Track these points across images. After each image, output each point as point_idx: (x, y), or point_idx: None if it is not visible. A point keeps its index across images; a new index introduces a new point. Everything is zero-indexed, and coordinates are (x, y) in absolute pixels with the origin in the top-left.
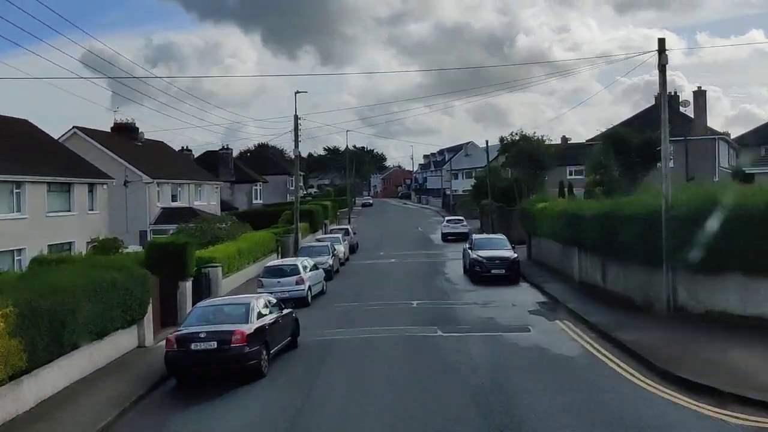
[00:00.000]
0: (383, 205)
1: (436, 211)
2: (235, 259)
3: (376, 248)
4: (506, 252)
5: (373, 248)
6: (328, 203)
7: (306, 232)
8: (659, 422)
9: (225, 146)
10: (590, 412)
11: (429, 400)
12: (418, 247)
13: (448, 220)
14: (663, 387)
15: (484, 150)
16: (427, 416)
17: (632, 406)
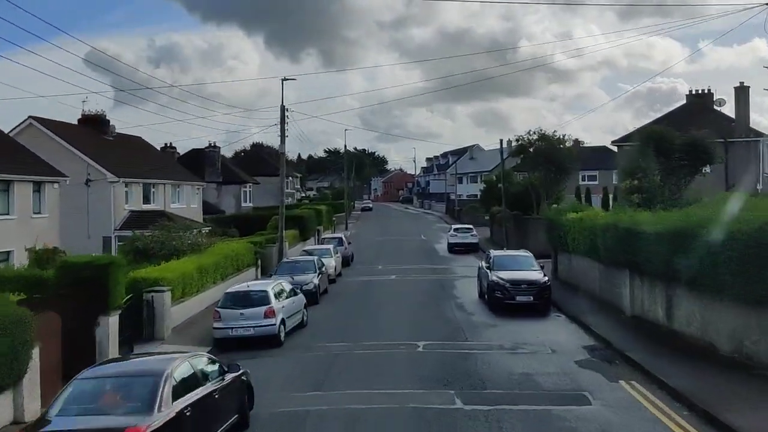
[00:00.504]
0: (384, 209)
1: (439, 216)
2: (193, 279)
3: (373, 260)
4: (534, 273)
5: (371, 260)
6: (323, 207)
7: (294, 240)
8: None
9: (212, 144)
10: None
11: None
12: (422, 260)
13: (455, 229)
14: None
15: (490, 153)
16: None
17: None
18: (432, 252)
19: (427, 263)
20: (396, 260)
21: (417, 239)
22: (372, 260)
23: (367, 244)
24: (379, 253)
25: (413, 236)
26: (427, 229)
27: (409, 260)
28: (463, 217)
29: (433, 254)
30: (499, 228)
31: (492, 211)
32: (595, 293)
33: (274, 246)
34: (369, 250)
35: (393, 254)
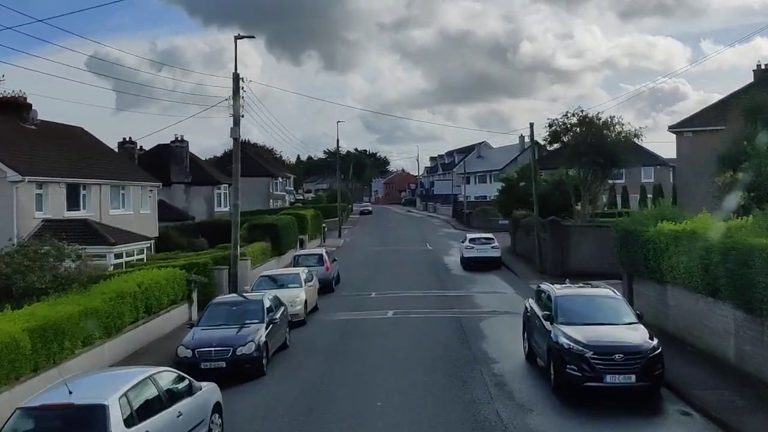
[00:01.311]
0: (384, 212)
1: (445, 220)
2: (19, 353)
3: (366, 283)
4: (631, 333)
5: (362, 283)
6: (309, 212)
7: (263, 256)
8: None
9: (178, 137)
10: None
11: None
12: (430, 282)
13: (472, 240)
14: None
15: (500, 150)
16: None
17: None
18: (441, 268)
19: (437, 287)
20: (395, 282)
21: (421, 250)
22: (363, 283)
23: (360, 258)
24: (375, 272)
25: (417, 245)
26: (433, 236)
27: (412, 282)
28: (473, 220)
29: (444, 272)
30: (526, 236)
31: (515, 215)
32: (725, 357)
33: (233, 267)
34: (362, 267)
35: (392, 273)
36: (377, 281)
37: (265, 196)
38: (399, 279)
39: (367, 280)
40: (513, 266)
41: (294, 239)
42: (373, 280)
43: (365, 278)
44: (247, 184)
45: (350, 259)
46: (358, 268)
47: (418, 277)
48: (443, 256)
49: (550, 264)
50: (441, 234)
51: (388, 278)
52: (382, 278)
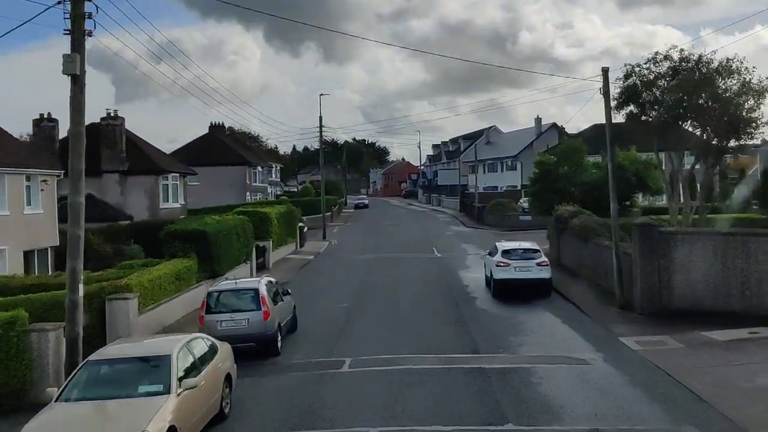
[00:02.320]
0: (382, 206)
1: (452, 215)
2: None
3: (339, 332)
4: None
5: (334, 331)
6: (278, 209)
7: (177, 286)
8: None
9: (110, 113)
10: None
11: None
12: (445, 329)
13: (507, 252)
14: None
15: (512, 135)
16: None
17: None
18: (460, 295)
19: (461, 344)
20: (387, 331)
21: (427, 259)
22: (335, 334)
23: (341, 275)
24: (357, 305)
25: (420, 251)
26: (440, 237)
27: (416, 331)
28: (487, 216)
29: (465, 304)
30: (581, 244)
31: (560, 212)
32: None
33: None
34: (340, 294)
35: (383, 307)
36: (358, 328)
37: (241, 187)
38: (394, 322)
39: (343, 327)
40: (569, 293)
41: (244, 250)
42: (352, 324)
43: (340, 321)
44: (216, 174)
45: (327, 277)
46: (335, 295)
47: (424, 315)
48: (459, 271)
49: (640, 295)
50: (450, 234)
51: (377, 321)
52: (366, 321)
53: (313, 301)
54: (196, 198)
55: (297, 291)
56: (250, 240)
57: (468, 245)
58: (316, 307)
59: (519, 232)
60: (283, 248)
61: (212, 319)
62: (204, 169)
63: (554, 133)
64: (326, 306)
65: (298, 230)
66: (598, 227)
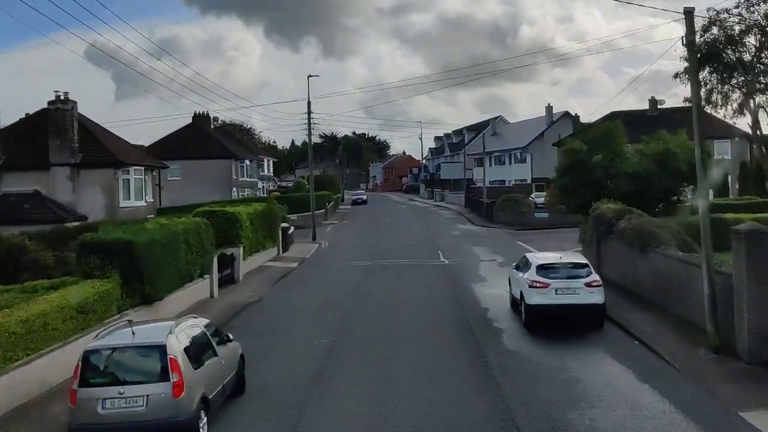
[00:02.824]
0: (382, 202)
1: (456, 212)
2: None
3: (313, 382)
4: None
5: (304, 381)
6: (253, 209)
7: (83, 321)
8: None
9: (59, 96)
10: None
11: None
12: (464, 368)
13: (543, 267)
14: None
15: (519, 125)
16: None
17: None
18: (478, 324)
19: (489, 422)
20: (380, 385)
21: (431, 265)
22: (301, 392)
23: (326, 290)
24: (341, 339)
25: (424, 256)
26: (446, 238)
27: (422, 385)
28: (498, 213)
29: (487, 338)
30: (637, 255)
31: (602, 211)
32: None
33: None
34: (319, 319)
35: (375, 343)
36: (339, 385)
37: (226, 182)
38: (391, 372)
39: (317, 382)
40: (629, 323)
41: (199, 262)
42: (331, 377)
43: (314, 370)
44: (199, 168)
45: (307, 293)
46: (313, 323)
47: (435, 361)
48: (473, 285)
49: (748, 335)
50: (456, 234)
51: (368, 370)
52: (351, 371)
53: (282, 335)
54: (177, 194)
55: (264, 316)
56: (208, 248)
57: (479, 249)
58: (285, 345)
59: (536, 231)
60: (260, 255)
61: (90, 396)
62: (186, 163)
63: (567, 122)
64: (298, 343)
65: (280, 232)
66: (660, 232)
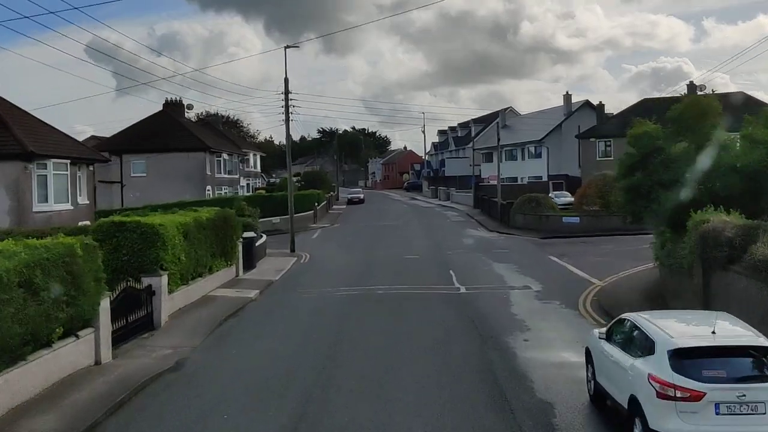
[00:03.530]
0: (381, 201)
1: (464, 213)
2: None
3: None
4: None
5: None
6: (199, 218)
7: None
8: None
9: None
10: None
11: None
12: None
13: (682, 354)
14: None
15: (531, 118)
16: None
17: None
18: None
19: None
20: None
21: (443, 297)
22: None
23: (286, 345)
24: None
25: (431, 279)
26: (457, 247)
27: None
28: (516, 216)
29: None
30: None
31: (711, 227)
32: None
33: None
34: (263, 411)
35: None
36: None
37: (199, 179)
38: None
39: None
40: None
41: (66, 314)
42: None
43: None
44: (167, 163)
45: (258, 351)
46: (251, 423)
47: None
48: (512, 343)
49: None
50: (469, 243)
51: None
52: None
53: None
54: (142, 193)
55: (170, 412)
56: (88, 287)
57: (503, 267)
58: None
59: (567, 240)
60: (206, 280)
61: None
62: (153, 157)
63: (589, 112)
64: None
65: (240, 246)
66: None
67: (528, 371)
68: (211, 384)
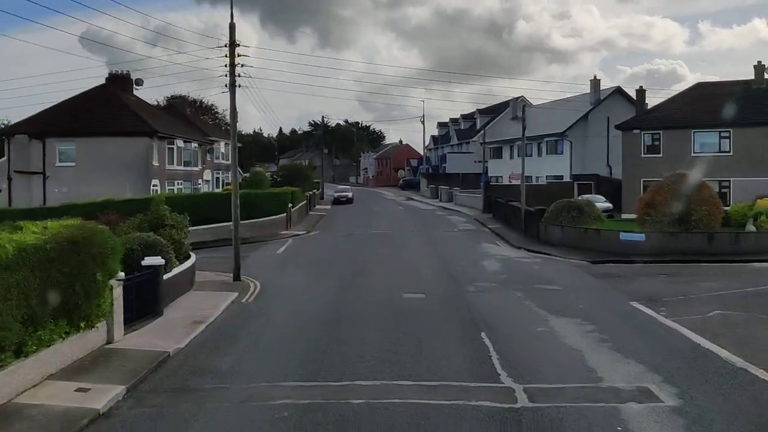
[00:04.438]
0: (372, 200)
1: (474, 219)
2: None
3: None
4: None
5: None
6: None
7: None
8: None
9: None
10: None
11: None
12: None
13: None
14: None
15: (548, 109)
16: None
17: None
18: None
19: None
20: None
21: (484, 413)
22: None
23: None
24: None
25: (458, 363)
26: (478, 278)
27: None
28: (548, 229)
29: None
30: None
31: None
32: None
33: None
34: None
35: None
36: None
37: (143, 171)
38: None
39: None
40: None
41: None
42: None
43: None
44: (102, 150)
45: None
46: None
47: None
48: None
49: None
50: (495, 271)
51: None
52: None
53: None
54: (70, 188)
55: None
56: None
57: (570, 327)
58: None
59: (631, 268)
60: (16, 370)
61: None
62: (84, 142)
63: (620, 101)
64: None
65: (114, 291)
66: None
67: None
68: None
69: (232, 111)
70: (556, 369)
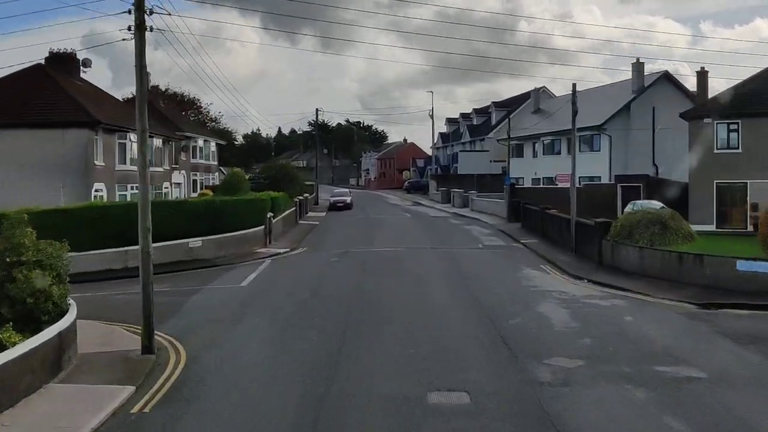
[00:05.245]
0: (373, 205)
1: (498, 228)
2: None
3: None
4: None
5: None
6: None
7: None
8: None
9: None
10: None
11: None
12: None
13: None
14: None
15: (579, 98)
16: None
17: None
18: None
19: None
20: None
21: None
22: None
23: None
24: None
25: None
26: (551, 359)
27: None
28: (620, 250)
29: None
30: None
31: None
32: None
33: None
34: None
35: None
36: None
37: (82, 172)
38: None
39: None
40: None
41: None
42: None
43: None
44: (32, 145)
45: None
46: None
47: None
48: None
49: None
50: (564, 323)
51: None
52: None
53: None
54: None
55: None
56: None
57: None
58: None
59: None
60: None
61: None
62: (7, 135)
63: (668, 88)
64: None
65: None
66: None
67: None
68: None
69: (138, 64)
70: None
